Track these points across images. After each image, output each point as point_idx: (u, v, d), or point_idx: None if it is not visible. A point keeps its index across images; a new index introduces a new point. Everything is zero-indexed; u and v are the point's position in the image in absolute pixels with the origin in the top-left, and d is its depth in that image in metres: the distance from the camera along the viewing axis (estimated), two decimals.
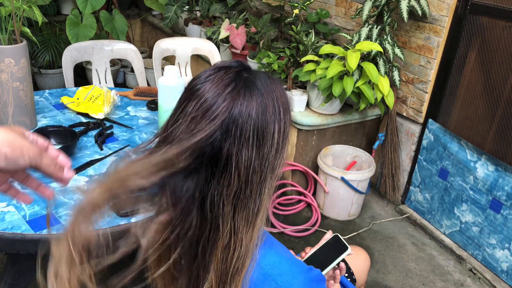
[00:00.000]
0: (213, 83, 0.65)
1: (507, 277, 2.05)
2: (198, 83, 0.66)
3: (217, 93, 0.64)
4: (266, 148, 0.65)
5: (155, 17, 4.12)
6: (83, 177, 1.28)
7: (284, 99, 0.69)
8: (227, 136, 0.63)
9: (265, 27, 2.72)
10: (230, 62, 0.70)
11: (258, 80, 0.67)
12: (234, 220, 0.66)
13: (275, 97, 0.67)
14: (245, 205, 0.66)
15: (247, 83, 0.66)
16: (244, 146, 0.64)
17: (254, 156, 0.64)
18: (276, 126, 0.66)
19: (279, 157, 0.69)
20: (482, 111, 2.13)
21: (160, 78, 1.50)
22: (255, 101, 0.64)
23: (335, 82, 2.20)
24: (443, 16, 2.16)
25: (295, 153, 2.47)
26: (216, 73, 0.67)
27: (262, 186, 0.67)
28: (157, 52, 2.42)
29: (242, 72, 0.67)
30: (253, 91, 0.65)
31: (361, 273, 1.30)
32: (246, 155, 0.64)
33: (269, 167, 0.67)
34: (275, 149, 0.67)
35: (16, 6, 1.35)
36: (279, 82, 0.71)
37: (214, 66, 0.70)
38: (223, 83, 0.65)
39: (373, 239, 2.35)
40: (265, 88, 0.66)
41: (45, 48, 3.32)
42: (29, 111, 1.48)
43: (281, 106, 0.67)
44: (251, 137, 0.64)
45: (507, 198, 2.02)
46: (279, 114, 0.67)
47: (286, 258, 0.73)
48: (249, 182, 0.65)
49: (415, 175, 2.51)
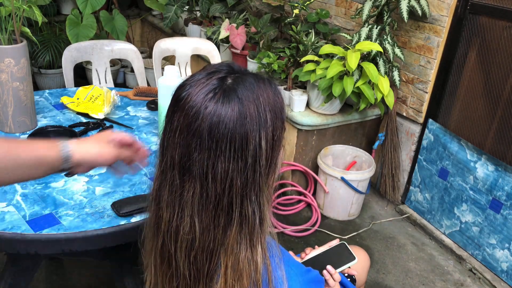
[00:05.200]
0: (195, 92, 0.64)
1: (507, 277, 2.05)
2: (182, 92, 0.65)
3: (199, 103, 0.63)
4: (251, 158, 0.63)
5: (155, 17, 4.12)
6: (83, 177, 1.28)
7: (274, 104, 0.66)
8: (207, 149, 0.62)
9: (265, 27, 2.72)
10: (218, 66, 0.68)
11: (241, 87, 0.64)
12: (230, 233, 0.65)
13: (260, 104, 0.64)
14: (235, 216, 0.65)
15: (227, 91, 0.63)
16: (220, 157, 0.62)
17: (232, 168, 0.62)
18: (262, 134, 0.63)
19: (271, 164, 0.66)
20: (482, 111, 2.13)
21: (160, 78, 1.50)
22: (233, 110, 0.62)
23: (335, 82, 2.20)
24: (443, 16, 2.16)
25: (295, 153, 2.47)
26: (200, 80, 0.65)
27: (252, 195, 0.65)
28: (157, 52, 2.42)
29: (226, 79, 0.65)
30: (232, 100, 0.62)
31: (361, 273, 1.29)
32: (223, 167, 0.62)
33: (261, 176, 0.65)
34: (265, 158, 0.64)
35: (16, 6, 1.35)
36: (270, 85, 0.68)
37: (202, 71, 0.68)
38: (205, 90, 0.63)
39: (373, 239, 2.35)
40: (247, 95, 0.63)
41: (45, 48, 3.32)
42: (29, 111, 1.48)
43: (268, 112, 0.64)
44: (228, 149, 0.62)
45: (507, 198, 2.02)
46: (265, 122, 0.64)
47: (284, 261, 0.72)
48: (227, 194, 0.63)
49: (415, 175, 2.51)
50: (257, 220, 0.66)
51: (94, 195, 1.21)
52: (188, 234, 0.66)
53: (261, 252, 0.67)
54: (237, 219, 0.65)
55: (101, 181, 1.28)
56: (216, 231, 0.65)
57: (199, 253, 0.66)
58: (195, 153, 0.63)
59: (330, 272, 1.05)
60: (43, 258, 1.64)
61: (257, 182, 0.65)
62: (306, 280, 0.72)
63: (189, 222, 0.65)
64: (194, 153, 0.63)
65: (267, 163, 0.65)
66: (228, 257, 0.65)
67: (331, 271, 1.05)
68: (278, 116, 0.66)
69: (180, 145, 0.64)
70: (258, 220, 0.66)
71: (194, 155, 0.63)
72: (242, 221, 0.65)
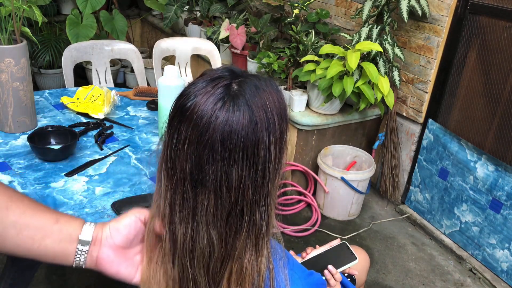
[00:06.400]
0: (202, 102, 0.61)
1: (507, 277, 2.05)
2: (187, 101, 0.63)
3: (209, 113, 0.60)
4: (261, 164, 0.62)
5: (155, 17, 4.12)
6: (83, 177, 1.28)
7: (280, 106, 0.65)
8: (221, 160, 0.60)
9: (265, 27, 2.72)
10: (220, 71, 0.66)
11: (248, 93, 0.62)
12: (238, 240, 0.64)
13: (268, 108, 0.63)
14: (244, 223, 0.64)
15: (235, 99, 0.61)
16: (234, 167, 0.61)
17: (245, 176, 0.61)
18: (271, 138, 0.62)
19: (278, 167, 0.66)
20: (482, 111, 2.13)
21: (160, 78, 1.50)
22: (244, 118, 0.60)
23: (335, 82, 2.20)
24: (443, 16, 2.16)
25: (295, 153, 2.47)
26: (204, 88, 0.63)
27: (261, 200, 0.64)
28: (157, 52, 2.42)
29: (231, 85, 0.63)
30: (242, 107, 0.61)
31: (361, 273, 1.29)
32: (237, 176, 0.61)
33: (270, 180, 0.64)
34: (274, 162, 0.64)
35: (16, 6, 1.35)
36: (272, 86, 0.66)
37: (203, 78, 0.65)
38: (212, 99, 0.61)
39: (373, 239, 2.35)
40: (255, 101, 0.62)
41: (45, 48, 3.32)
42: (29, 111, 1.48)
43: (275, 116, 0.63)
44: (241, 157, 0.61)
45: (507, 198, 2.02)
46: (274, 126, 0.63)
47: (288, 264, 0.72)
48: (240, 201, 0.62)
49: (415, 175, 2.51)
50: (264, 224, 0.65)
51: (94, 195, 1.21)
52: (206, 247, 0.64)
53: (266, 257, 0.67)
54: (247, 225, 0.64)
55: (101, 181, 1.28)
56: (228, 239, 0.64)
57: (215, 263, 0.65)
58: (207, 164, 0.61)
59: (331, 272, 1.06)
60: None
61: (266, 187, 0.64)
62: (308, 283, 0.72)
63: (206, 234, 0.64)
64: (206, 165, 0.61)
65: (275, 167, 0.64)
66: (234, 263, 0.65)
67: (332, 271, 1.05)
68: (284, 118, 0.66)
69: (190, 157, 0.62)
70: (265, 225, 0.65)
71: (206, 167, 0.61)
72: (251, 226, 0.64)
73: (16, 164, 1.31)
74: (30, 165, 1.32)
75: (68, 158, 1.37)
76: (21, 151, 1.38)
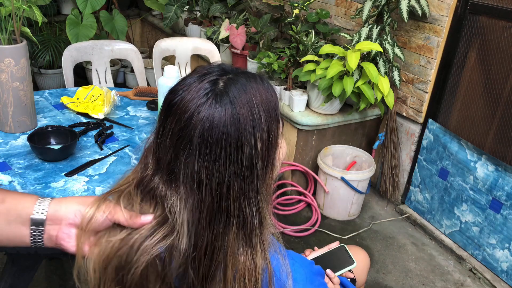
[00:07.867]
0: (187, 97, 0.63)
1: (507, 277, 2.05)
2: (174, 97, 0.64)
3: (192, 109, 0.62)
4: (247, 160, 0.62)
5: (155, 17, 4.12)
6: (83, 177, 1.28)
7: (268, 103, 0.65)
8: (198, 154, 0.61)
9: (265, 27, 2.72)
10: (209, 68, 0.67)
11: (233, 90, 0.63)
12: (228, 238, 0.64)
13: (254, 105, 0.63)
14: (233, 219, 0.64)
15: (218, 95, 0.62)
16: (215, 163, 0.61)
17: (229, 172, 0.62)
18: (257, 135, 0.63)
19: (268, 164, 0.66)
20: (482, 111, 2.13)
21: (160, 78, 1.50)
22: (226, 115, 0.61)
23: (335, 82, 2.20)
24: (443, 16, 2.16)
25: (295, 153, 2.47)
26: (192, 84, 0.64)
27: (251, 197, 0.64)
28: (157, 52, 2.42)
29: (217, 82, 0.64)
30: (224, 104, 0.61)
31: (361, 273, 1.29)
32: (219, 172, 0.61)
33: (258, 177, 0.64)
34: (261, 159, 0.64)
35: (16, 6, 1.35)
36: (262, 83, 0.67)
37: (193, 74, 0.67)
38: (197, 95, 0.62)
39: (373, 239, 2.35)
40: (240, 97, 0.62)
41: (45, 48, 3.32)
42: (29, 111, 1.48)
43: (262, 112, 0.63)
44: (223, 154, 0.61)
45: (507, 198, 2.02)
46: (260, 122, 0.63)
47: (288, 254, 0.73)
48: (225, 198, 0.63)
49: (415, 175, 2.51)
50: (256, 221, 0.65)
51: (94, 195, 1.21)
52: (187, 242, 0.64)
53: (261, 253, 0.67)
54: (236, 221, 0.64)
55: (101, 181, 1.28)
56: (214, 235, 0.64)
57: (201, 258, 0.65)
58: (182, 157, 0.62)
59: (329, 276, 1.06)
60: (43, 258, 1.64)
61: (255, 183, 0.64)
62: (310, 271, 0.73)
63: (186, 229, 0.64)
64: (182, 157, 0.62)
65: (263, 164, 0.65)
66: (228, 259, 0.65)
67: (330, 275, 1.06)
68: (272, 115, 0.66)
69: (170, 149, 0.63)
70: (257, 221, 0.66)
71: (181, 159, 0.62)
72: (240, 223, 0.65)
73: (16, 164, 1.31)
74: (30, 165, 1.32)
75: (68, 158, 1.37)
76: (21, 151, 1.38)
